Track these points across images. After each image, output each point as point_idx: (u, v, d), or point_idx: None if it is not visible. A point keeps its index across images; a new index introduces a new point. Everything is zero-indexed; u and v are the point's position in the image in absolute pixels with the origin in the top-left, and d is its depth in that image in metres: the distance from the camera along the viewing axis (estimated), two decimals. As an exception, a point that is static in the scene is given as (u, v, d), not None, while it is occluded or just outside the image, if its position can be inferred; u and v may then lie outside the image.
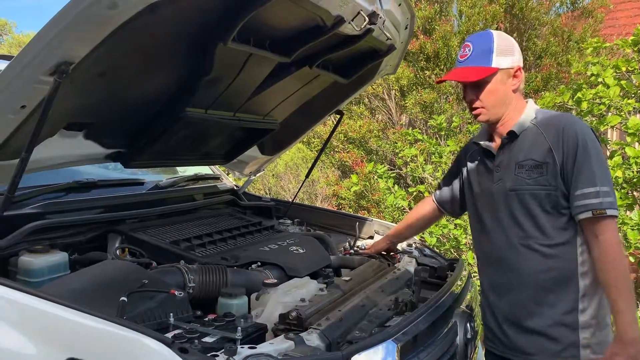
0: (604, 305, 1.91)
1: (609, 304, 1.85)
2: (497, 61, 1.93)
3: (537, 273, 1.92)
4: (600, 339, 1.90)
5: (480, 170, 2.12)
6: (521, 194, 1.93)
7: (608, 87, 3.95)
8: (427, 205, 2.49)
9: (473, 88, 1.98)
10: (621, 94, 3.99)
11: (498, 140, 2.05)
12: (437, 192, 2.41)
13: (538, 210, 1.91)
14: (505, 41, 1.97)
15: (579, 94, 4.08)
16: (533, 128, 1.97)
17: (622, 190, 3.79)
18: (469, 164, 2.18)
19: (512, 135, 1.99)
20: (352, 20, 2.09)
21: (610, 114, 4.12)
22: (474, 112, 2.02)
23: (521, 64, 2.00)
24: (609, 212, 1.81)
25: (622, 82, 4.00)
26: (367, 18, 2.10)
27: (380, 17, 2.16)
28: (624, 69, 4.05)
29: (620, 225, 3.73)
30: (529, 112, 2.00)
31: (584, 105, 4.04)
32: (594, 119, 4.17)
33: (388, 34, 2.35)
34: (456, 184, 2.30)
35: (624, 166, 3.77)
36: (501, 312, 2.02)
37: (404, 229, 2.61)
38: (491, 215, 2.03)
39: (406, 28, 2.53)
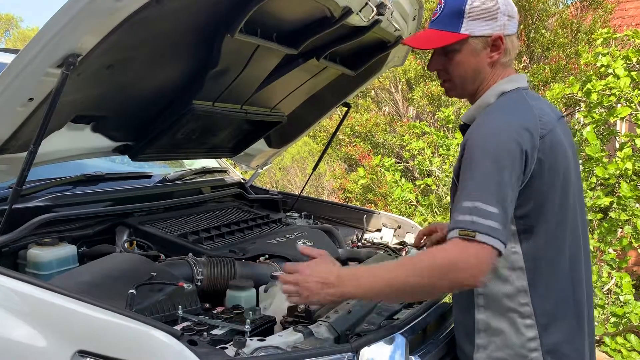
0: (515, 341, 1.51)
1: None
2: (469, 26, 1.55)
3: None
4: None
5: None
6: (451, 197, 1.64)
7: (618, 78, 3.91)
8: None
9: (440, 56, 1.63)
10: (631, 85, 3.95)
11: None
12: None
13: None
14: (484, 1, 1.55)
15: (588, 85, 4.04)
16: None
17: (632, 183, 3.76)
18: None
19: (465, 124, 1.66)
20: (360, 11, 2.08)
21: (620, 105, 4.08)
22: (443, 86, 1.70)
23: (508, 32, 1.58)
24: (480, 237, 1.33)
25: (633, 73, 3.96)
26: (375, 9, 2.08)
27: (389, 8, 2.14)
28: (634, 59, 4.01)
29: (630, 217, 3.70)
30: (488, 95, 1.59)
31: (594, 96, 4.01)
32: (603, 111, 4.13)
33: (396, 25, 2.33)
34: None
35: (634, 158, 3.74)
36: None
37: None
38: None
39: (414, 19, 2.51)
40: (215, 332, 1.53)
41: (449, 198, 5.11)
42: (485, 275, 1.36)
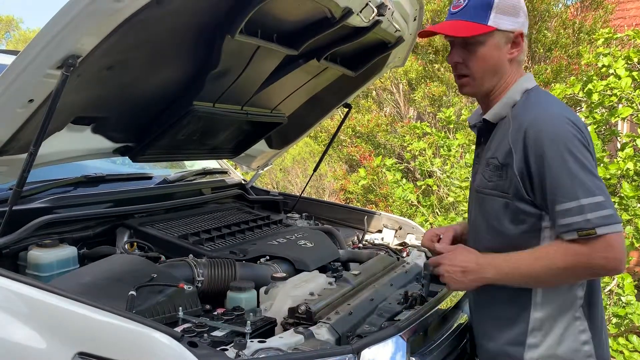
0: (569, 344, 1.54)
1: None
2: (496, 19, 1.56)
3: (494, 291, 1.61)
4: None
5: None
6: (482, 198, 1.63)
7: (619, 78, 3.91)
8: None
9: (461, 48, 1.62)
10: (633, 85, 3.94)
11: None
12: None
13: (495, 221, 1.59)
14: None
15: (589, 86, 4.03)
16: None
17: (634, 183, 3.75)
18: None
19: (487, 123, 1.66)
20: (361, 11, 2.07)
21: (621, 105, 4.07)
22: (458, 81, 1.67)
23: (525, 31, 1.62)
24: (601, 230, 1.39)
25: (634, 73, 3.95)
26: (375, 9, 2.08)
27: (389, 9, 2.14)
28: (635, 59, 4.00)
29: (631, 217, 3.69)
30: (513, 92, 1.60)
31: (595, 96, 4.00)
32: (605, 111, 4.12)
33: (397, 26, 2.33)
34: None
35: (635, 158, 3.72)
36: (475, 325, 1.79)
37: None
38: (469, 216, 1.74)
39: (415, 20, 2.51)
40: (216, 333, 1.52)
41: (449, 199, 5.12)
42: (625, 258, 1.44)
